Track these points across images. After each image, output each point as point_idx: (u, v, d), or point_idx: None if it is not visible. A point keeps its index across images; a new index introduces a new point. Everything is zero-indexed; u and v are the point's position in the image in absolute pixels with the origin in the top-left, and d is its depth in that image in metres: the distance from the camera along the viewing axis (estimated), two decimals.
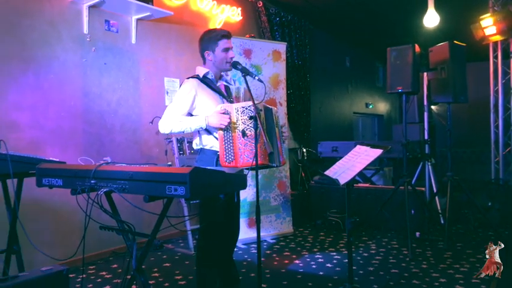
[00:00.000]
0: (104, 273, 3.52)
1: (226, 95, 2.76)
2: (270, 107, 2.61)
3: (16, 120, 3.38)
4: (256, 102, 2.38)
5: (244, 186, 2.05)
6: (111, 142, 4.11)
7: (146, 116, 4.41)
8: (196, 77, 2.68)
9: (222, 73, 2.79)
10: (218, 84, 2.75)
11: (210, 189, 1.86)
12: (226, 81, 2.83)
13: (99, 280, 3.35)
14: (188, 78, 2.68)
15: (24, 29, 3.45)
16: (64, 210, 3.62)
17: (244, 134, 2.37)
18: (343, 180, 2.42)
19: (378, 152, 2.44)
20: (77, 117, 3.83)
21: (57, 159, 2.60)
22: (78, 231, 3.59)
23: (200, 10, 5.15)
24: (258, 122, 2.29)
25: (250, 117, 2.31)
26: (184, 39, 4.92)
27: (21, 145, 3.39)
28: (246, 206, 4.37)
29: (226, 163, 2.41)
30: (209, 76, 2.70)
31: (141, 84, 4.43)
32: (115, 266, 3.71)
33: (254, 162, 2.28)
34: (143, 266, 3.55)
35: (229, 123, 2.41)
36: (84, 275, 3.44)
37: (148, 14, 4.27)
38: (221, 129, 2.42)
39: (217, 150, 2.51)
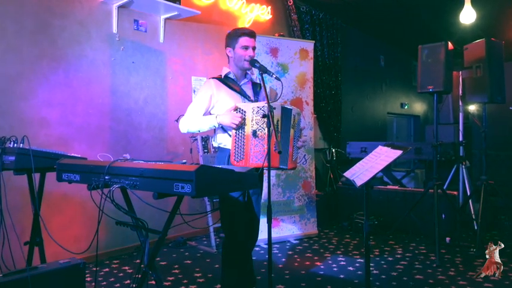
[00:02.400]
0: (126, 267, 3.60)
1: (253, 94, 2.75)
2: (290, 107, 2.54)
3: (46, 117, 3.51)
4: (272, 101, 2.35)
5: (254, 186, 2.03)
6: (138, 140, 4.19)
7: (172, 114, 4.47)
8: (218, 77, 2.72)
9: (247, 72, 2.79)
10: (243, 82, 2.75)
11: (218, 188, 1.85)
12: (252, 79, 2.82)
13: (121, 274, 3.42)
14: (209, 78, 2.72)
15: (55, 29, 3.57)
16: (91, 205, 3.70)
17: (255, 134, 2.35)
18: (359, 181, 2.34)
19: (397, 153, 2.35)
20: (105, 115, 3.93)
21: (79, 155, 2.67)
22: (104, 225, 3.68)
23: (229, 9, 5.17)
24: (270, 122, 2.25)
25: (264, 116, 2.29)
26: (212, 39, 4.94)
27: (51, 141, 3.51)
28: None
29: (235, 162, 2.40)
30: (230, 76, 2.73)
31: (168, 82, 4.49)
32: (138, 261, 3.77)
33: (264, 163, 2.26)
34: (164, 263, 3.64)
35: (242, 122, 2.40)
36: (98, 268, 3.54)
37: (176, 13, 4.32)
38: (233, 128, 2.42)
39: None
